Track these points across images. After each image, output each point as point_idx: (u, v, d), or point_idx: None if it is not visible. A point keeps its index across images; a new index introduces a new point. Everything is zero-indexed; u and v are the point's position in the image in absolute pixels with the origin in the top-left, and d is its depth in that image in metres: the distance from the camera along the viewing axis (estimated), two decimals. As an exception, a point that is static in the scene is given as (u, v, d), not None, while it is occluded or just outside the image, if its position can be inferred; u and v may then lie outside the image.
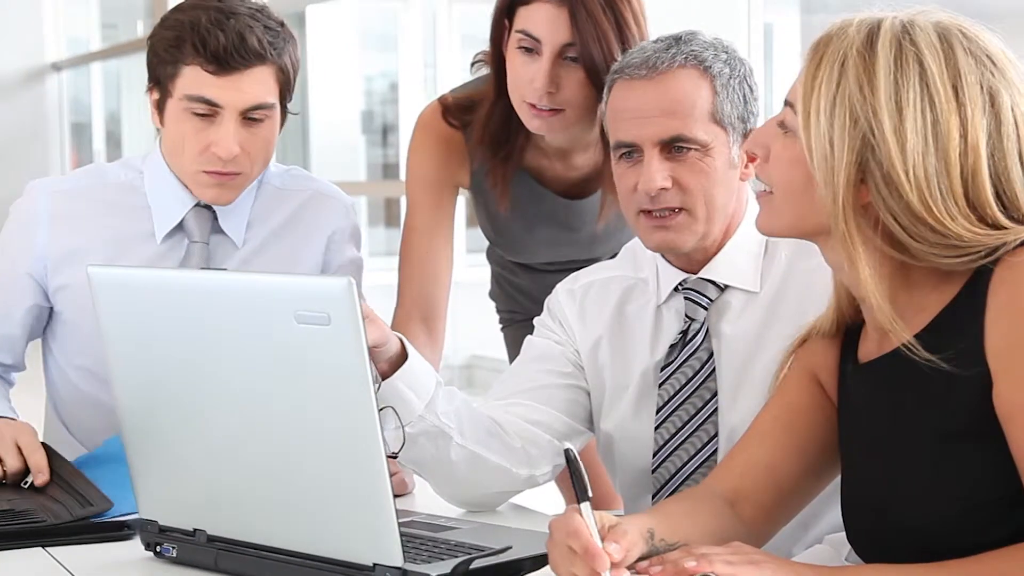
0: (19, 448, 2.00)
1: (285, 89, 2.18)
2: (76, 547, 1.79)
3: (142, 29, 9.85)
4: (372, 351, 1.66)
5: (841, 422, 1.67)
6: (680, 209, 1.88)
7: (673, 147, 1.87)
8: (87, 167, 2.36)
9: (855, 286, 1.56)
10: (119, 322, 1.67)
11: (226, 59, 2.09)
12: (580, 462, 1.47)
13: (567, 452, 1.48)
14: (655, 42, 1.92)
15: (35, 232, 2.24)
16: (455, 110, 2.42)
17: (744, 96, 1.91)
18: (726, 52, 1.92)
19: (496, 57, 2.32)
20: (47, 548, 1.79)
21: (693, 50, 1.89)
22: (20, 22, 9.64)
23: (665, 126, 1.86)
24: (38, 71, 9.72)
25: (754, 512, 1.67)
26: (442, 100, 2.45)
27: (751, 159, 1.89)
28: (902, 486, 1.52)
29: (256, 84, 2.12)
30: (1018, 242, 1.46)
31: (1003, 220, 1.47)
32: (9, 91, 9.64)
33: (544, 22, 2.19)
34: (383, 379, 1.74)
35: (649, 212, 1.89)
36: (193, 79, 2.11)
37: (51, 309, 2.28)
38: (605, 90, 1.96)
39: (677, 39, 1.91)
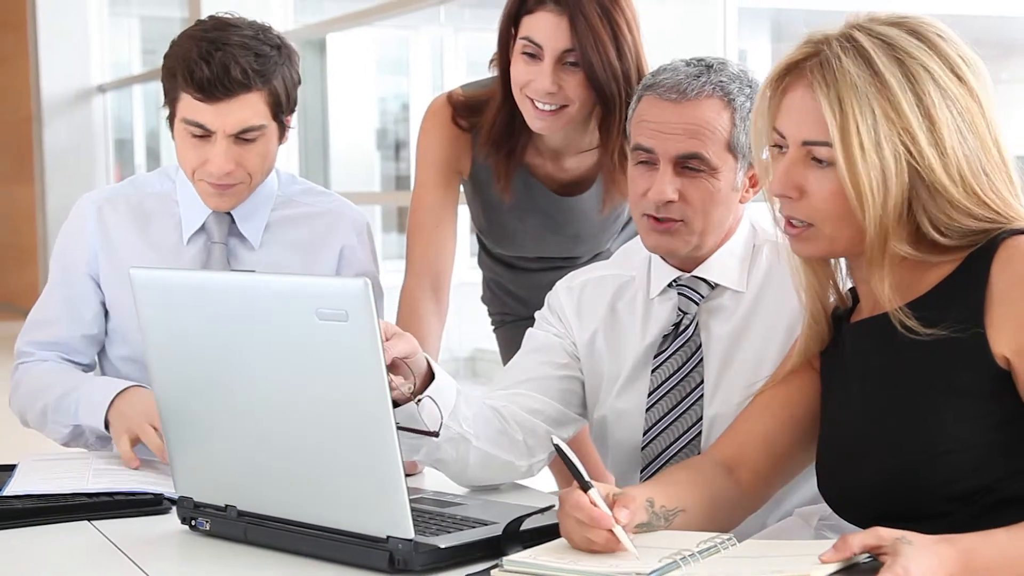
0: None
1: (278, 108, 2.17)
2: (119, 521, 1.79)
3: (179, 55, 9.83)
4: (403, 361, 1.67)
5: (824, 379, 1.66)
6: (680, 220, 1.88)
7: (686, 165, 1.86)
8: (129, 178, 2.38)
9: (864, 277, 1.56)
10: (158, 319, 1.67)
11: (211, 90, 2.10)
12: (572, 454, 1.47)
13: (558, 448, 1.48)
14: (687, 65, 1.88)
15: (85, 237, 2.27)
16: (464, 111, 2.41)
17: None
18: (750, 86, 1.88)
19: (503, 62, 2.32)
20: (92, 522, 1.79)
21: (721, 81, 1.86)
22: (69, 49, 9.64)
23: (685, 143, 1.85)
24: (85, 92, 9.71)
25: (752, 478, 1.66)
26: (451, 100, 2.43)
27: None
28: (878, 431, 1.52)
29: (243, 109, 2.12)
30: (1008, 231, 1.46)
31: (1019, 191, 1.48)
32: (60, 111, 9.65)
33: (546, 30, 2.19)
34: (416, 395, 1.72)
35: (653, 216, 1.88)
36: (188, 104, 2.13)
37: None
38: (634, 99, 1.93)
39: (709, 67, 1.87)
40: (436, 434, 1.73)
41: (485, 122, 2.37)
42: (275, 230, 2.29)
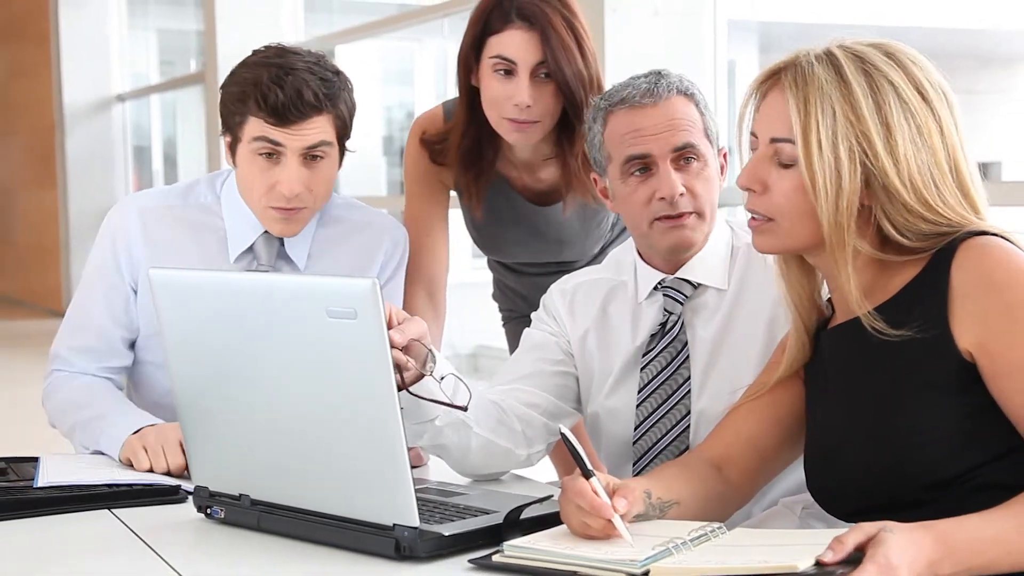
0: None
1: (342, 132, 2.13)
2: (137, 509, 1.80)
3: (195, 65, 9.86)
4: (416, 341, 1.65)
5: (808, 384, 1.67)
6: (692, 212, 1.88)
7: (683, 158, 1.87)
8: (176, 185, 2.30)
9: (835, 284, 1.57)
10: (176, 317, 1.67)
11: (285, 113, 2.04)
12: (576, 442, 1.48)
13: (563, 436, 1.48)
14: (641, 77, 1.92)
15: (127, 244, 2.20)
16: (437, 152, 2.40)
17: (714, 119, 1.93)
18: (691, 83, 1.94)
19: (465, 89, 2.30)
20: (112, 510, 1.79)
21: (673, 81, 1.91)
22: (90, 61, 9.65)
23: (677, 136, 1.87)
24: (105, 102, 9.72)
25: (738, 476, 1.67)
26: (423, 141, 2.42)
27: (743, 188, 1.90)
28: (858, 428, 1.53)
29: (314, 130, 2.07)
30: (966, 232, 1.48)
31: (978, 204, 1.50)
32: (80, 119, 9.65)
33: (518, 46, 2.19)
34: (417, 380, 1.71)
35: (666, 217, 1.88)
36: (257, 127, 2.07)
37: None
38: (596, 121, 1.94)
39: (659, 73, 1.92)
40: (465, 408, 1.73)
41: (451, 146, 2.37)
42: (321, 248, 2.24)
